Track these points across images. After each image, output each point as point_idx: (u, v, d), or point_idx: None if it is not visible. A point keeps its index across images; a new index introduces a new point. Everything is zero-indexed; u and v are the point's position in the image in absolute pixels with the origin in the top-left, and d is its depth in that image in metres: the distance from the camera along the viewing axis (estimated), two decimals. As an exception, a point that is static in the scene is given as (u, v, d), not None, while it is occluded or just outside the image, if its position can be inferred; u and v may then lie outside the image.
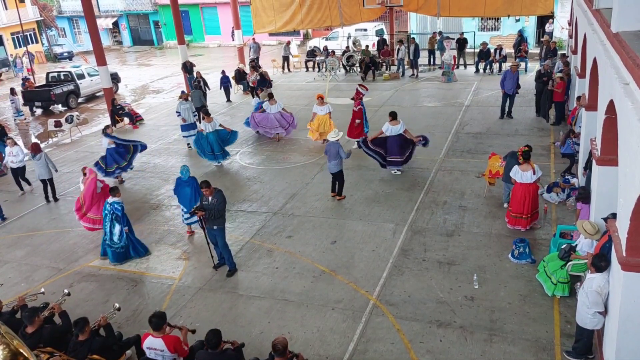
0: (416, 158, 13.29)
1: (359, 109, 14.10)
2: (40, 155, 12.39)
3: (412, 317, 7.54)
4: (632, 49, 5.77)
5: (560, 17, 25.50)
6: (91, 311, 8.10)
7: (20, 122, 18.90)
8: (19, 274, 9.78)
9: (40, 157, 12.38)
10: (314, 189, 12.18)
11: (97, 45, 19.09)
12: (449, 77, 21.22)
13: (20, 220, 12.09)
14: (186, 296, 8.54)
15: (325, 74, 24.00)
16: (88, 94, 25.14)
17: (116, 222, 9.47)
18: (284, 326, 7.58)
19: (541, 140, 13.80)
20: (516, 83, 15.53)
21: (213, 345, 5.76)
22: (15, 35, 38.37)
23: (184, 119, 15.36)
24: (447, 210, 10.55)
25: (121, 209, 9.48)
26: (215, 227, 8.75)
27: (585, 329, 6.20)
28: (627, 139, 5.39)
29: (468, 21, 27.81)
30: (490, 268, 8.52)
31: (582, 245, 7.43)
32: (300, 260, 9.26)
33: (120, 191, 9.92)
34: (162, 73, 30.84)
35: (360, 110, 14.10)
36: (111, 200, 9.47)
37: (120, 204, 9.49)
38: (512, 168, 9.41)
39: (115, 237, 9.51)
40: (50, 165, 12.54)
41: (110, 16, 43.53)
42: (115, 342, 6.68)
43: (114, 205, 9.43)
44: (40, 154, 12.43)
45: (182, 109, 15.32)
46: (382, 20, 30.07)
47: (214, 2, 38.83)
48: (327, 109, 14.60)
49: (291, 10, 25.14)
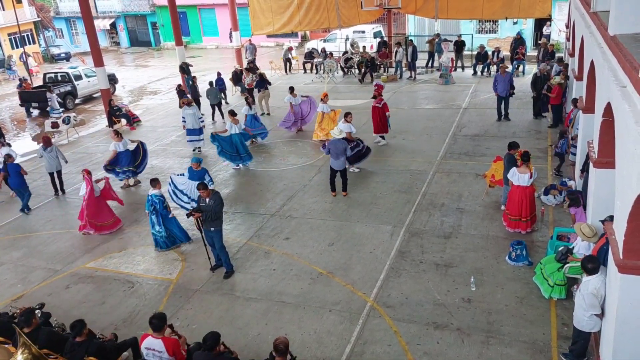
0: (414, 160, 13.32)
1: (384, 104, 14.27)
2: (52, 148, 12.89)
3: (409, 319, 7.53)
4: (629, 51, 5.78)
5: (558, 20, 25.61)
6: (88, 313, 8.08)
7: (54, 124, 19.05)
8: (15, 275, 9.74)
9: (52, 149, 12.87)
10: (311, 190, 12.17)
11: (94, 46, 19.08)
12: (447, 79, 21.26)
13: (17, 222, 12.05)
14: (183, 298, 8.52)
15: (323, 76, 24.02)
16: (85, 95, 25.11)
17: (155, 213, 9.91)
18: (281, 328, 7.56)
19: (538, 142, 13.83)
20: (509, 85, 15.62)
21: (209, 347, 5.74)
22: (13, 36, 38.28)
23: (184, 127, 15.09)
24: (445, 213, 10.55)
25: (159, 201, 9.87)
26: (212, 228, 8.73)
27: (582, 331, 6.21)
28: (624, 142, 5.40)
29: (466, 23, 27.87)
30: (488, 270, 8.52)
31: (579, 247, 7.43)
32: (297, 262, 9.25)
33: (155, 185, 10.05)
34: (160, 74, 30.81)
35: (385, 105, 14.29)
36: (151, 193, 9.91)
37: (158, 197, 9.86)
38: (510, 170, 9.43)
39: (156, 226, 9.96)
40: (60, 157, 13.04)
41: (107, 17, 43.47)
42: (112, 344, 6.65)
43: (153, 198, 9.85)
44: (52, 147, 12.95)
45: (186, 115, 15.00)
46: (380, 22, 30.11)
47: (212, 4, 38.82)
48: (327, 108, 14.85)
49: (289, 12, 25.16)
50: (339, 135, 11.47)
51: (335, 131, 11.76)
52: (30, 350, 5.62)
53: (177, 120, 16.96)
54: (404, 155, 13.76)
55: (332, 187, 11.71)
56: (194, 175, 10.86)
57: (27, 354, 5.61)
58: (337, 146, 11.22)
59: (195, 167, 10.91)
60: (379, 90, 14.82)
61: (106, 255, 10.12)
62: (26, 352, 5.59)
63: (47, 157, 12.78)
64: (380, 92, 14.73)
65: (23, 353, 5.65)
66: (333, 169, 11.50)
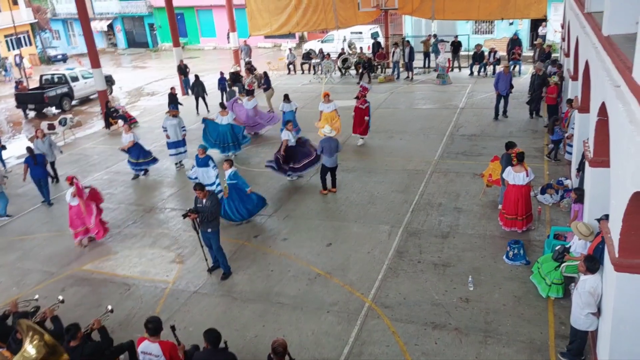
0: (411, 160, 13.33)
1: (366, 107, 14.51)
2: (46, 139, 13.60)
3: (407, 319, 7.53)
4: (622, 52, 5.80)
5: (553, 21, 25.65)
6: (83, 316, 8.04)
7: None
8: (10, 278, 9.71)
9: (46, 140, 13.56)
10: (309, 190, 12.17)
11: (91, 48, 19.05)
12: (444, 79, 21.29)
13: (12, 224, 12.01)
14: (180, 300, 8.50)
15: (321, 77, 24.04)
16: (82, 96, 25.06)
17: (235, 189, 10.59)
18: (278, 329, 7.55)
19: (535, 142, 13.85)
20: (509, 84, 15.72)
21: (214, 342, 5.67)
22: (9, 38, 38.19)
23: (168, 135, 14.18)
24: (442, 212, 10.56)
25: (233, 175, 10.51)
26: (209, 229, 8.71)
27: (580, 330, 6.22)
28: (618, 141, 5.41)
29: (462, 24, 27.91)
30: (485, 270, 8.53)
31: (576, 246, 7.44)
32: (295, 263, 9.24)
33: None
34: (157, 75, 30.77)
35: (367, 108, 14.53)
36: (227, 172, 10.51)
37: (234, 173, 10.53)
38: (505, 169, 9.44)
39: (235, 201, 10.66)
40: (54, 147, 13.79)
41: (105, 19, 43.40)
42: (108, 347, 6.61)
43: (231, 175, 10.52)
44: (46, 137, 13.70)
45: (168, 125, 14.07)
46: (377, 23, 30.11)
47: (210, 5, 38.77)
48: (333, 106, 14.88)
49: (286, 13, 25.15)
50: (329, 133, 11.73)
51: (326, 129, 12.04)
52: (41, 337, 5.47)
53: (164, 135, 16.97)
54: (402, 155, 13.77)
55: (323, 185, 11.80)
56: (199, 162, 11.40)
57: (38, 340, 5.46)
58: (330, 144, 11.41)
59: (201, 153, 11.30)
60: (363, 91, 15.03)
61: (102, 258, 10.09)
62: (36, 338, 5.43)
63: (41, 147, 13.32)
64: (365, 93, 14.89)
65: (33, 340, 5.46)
66: (325, 166, 11.63)
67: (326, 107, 14.83)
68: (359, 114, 14.65)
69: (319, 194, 11.90)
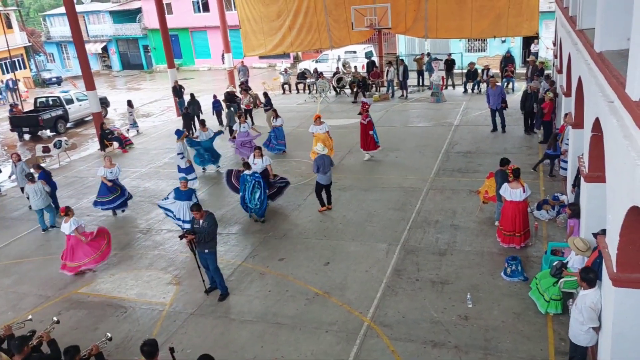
0: (407, 177, 13.36)
1: (368, 122, 14.70)
2: (20, 164, 13.75)
3: (407, 338, 7.47)
4: (615, 67, 5.88)
5: (545, 38, 26.03)
6: (80, 339, 7.93)
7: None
8: (6, 302, 9.60)
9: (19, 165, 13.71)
10: (306, 210, 12.15)
11: (86, 70, 19.17)
12: (438, 97, 21.47)
13: (8, 248, 11.91)
14: (177, 322, 8.41)
15: (315, 96, 24.19)
16: (77, 118, 25.10)
17: (258, 188, 11.30)
18: (277, 350, 7.47)
19: (530, 158, 13.93)
20: (499, 98, 16.07)
21: None
22: (3, 61, 38.34)
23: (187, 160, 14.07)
24: (439, 229, 10.56)
25: (259, 176, 11.42)
26: (206, 250, 8.66)
27: (579, 345, 6.18)
28: (613, 156, 5.46)
29: (455, 42, 28.27)
30: (484, 286, 8.50)
31: (574, 261, 7.44)
32: (293, 283, 9.18)
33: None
34: (152, 97, 30.90)
35: (370, 123, 14.71)
36: (249, 173, 11.33)
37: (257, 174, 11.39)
38: (502, 186, 9.48)
39: (255, 199, 11.31)
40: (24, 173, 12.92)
41: (99, 41, 43.76)
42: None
43: (255, 175, 11.33)
44: (20, 162, 13.82)
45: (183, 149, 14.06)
46: (371, 42, 30.46)
47: (204, 27, 39.20)
48: (325, 127, 15.00)
49: (281, 34, 25.46)
50: (322, 151, 11.89)
51: (318, 147, 12.22)
52: None
53: (171, 141, 17.12)
54: (398, 173, 13.81)
55: (321, 202, 11.84)
56: (181, 195, 10.87)
57: None
58: (324, 160, 11.55)
59: (183, 187, 10.91)
60: (363, 107, 15.34)
61: (98, 280, 10.00)
62: None
63: (17, 172, 13.64)
64: (366, 109, 15.10)
65: None
66: (320, 184, 11.70)
67: (318, 129, 14.91)
68: (362, 130, 14.86)
69: (315, 213, 11.88)
